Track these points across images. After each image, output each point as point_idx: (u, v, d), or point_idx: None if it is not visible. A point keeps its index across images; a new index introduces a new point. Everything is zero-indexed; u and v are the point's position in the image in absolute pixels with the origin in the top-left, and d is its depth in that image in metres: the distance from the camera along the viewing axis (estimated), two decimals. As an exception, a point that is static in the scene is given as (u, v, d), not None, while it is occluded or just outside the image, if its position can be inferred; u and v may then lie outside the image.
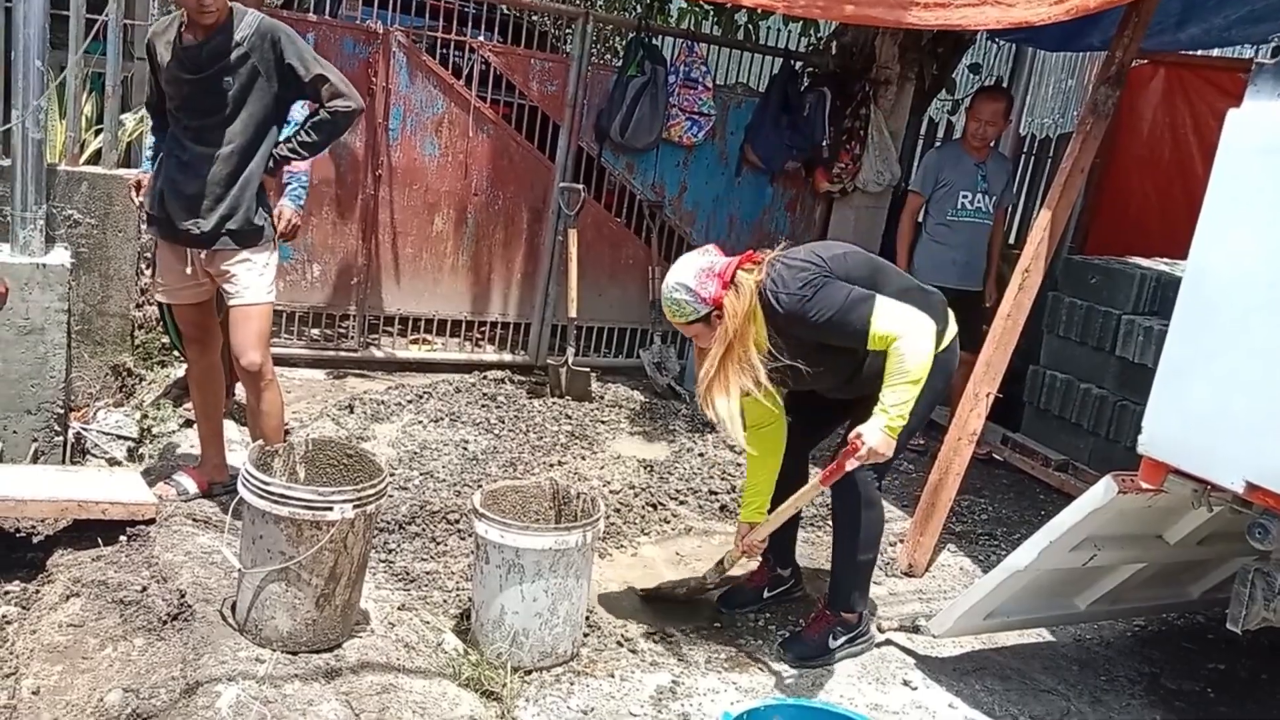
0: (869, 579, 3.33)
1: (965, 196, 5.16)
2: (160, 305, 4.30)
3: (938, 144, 6.27)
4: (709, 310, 2.94)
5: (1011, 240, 6.23)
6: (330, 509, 2.66)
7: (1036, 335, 5.19)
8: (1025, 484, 5.12)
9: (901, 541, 4.10)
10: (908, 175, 6.09)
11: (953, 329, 3.23)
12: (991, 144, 5.26)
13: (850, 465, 2.90)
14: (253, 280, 3.38)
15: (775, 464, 3.28)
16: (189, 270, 3.39)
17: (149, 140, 4.14)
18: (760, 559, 3.59)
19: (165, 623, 2.80)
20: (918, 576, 3.98)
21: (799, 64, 6.06)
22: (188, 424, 4.18)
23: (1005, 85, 6.56)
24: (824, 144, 5.90)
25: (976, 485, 4.91)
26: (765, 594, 3.56)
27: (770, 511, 3.26)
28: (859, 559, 3.23)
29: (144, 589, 2.93)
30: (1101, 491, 2.82)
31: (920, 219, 5.34)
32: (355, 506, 2.70)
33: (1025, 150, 6.87)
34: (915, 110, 6.18)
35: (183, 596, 2.87)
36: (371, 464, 2.97)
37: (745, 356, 2.94)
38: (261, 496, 2.67)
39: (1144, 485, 2.72)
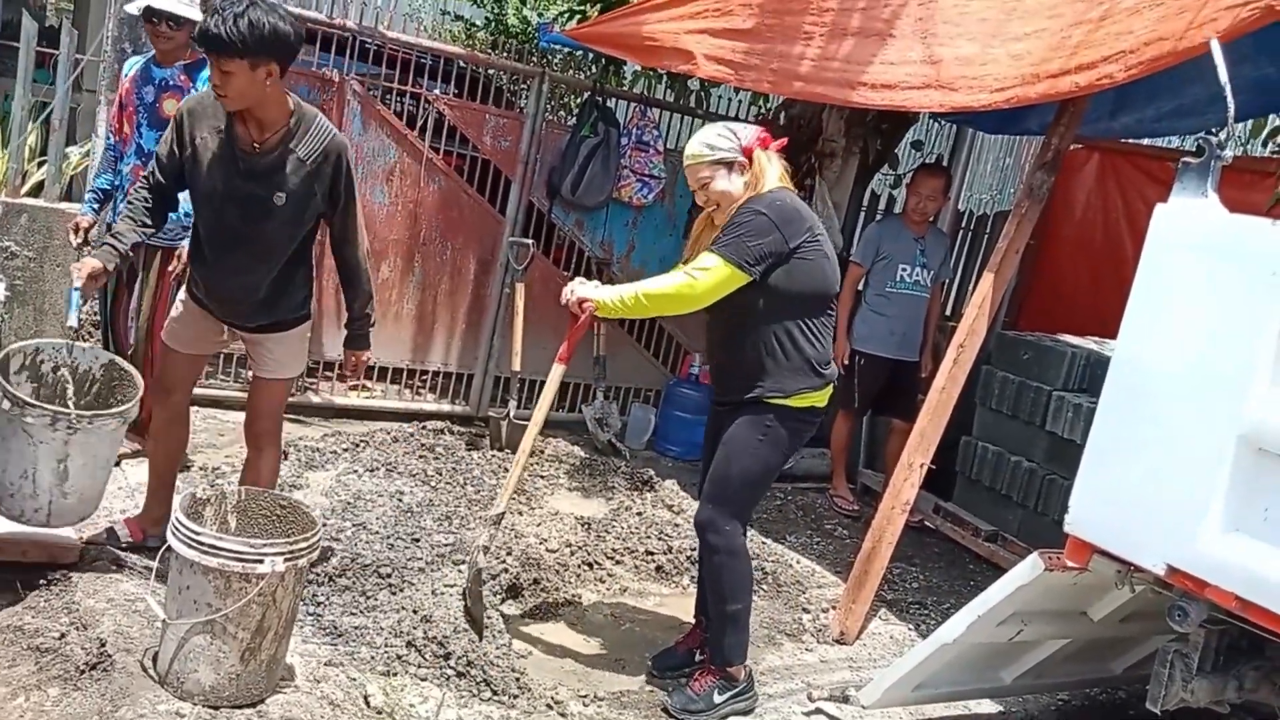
0: (745, 630, 3.33)
1: (904, 269, 5.29)
2: (106, 334, 4.12)
3: (879, 217, 6.42)
4: (737, 157, 3.13)
5: (948, 313, 6.37)
6: (261, 561, 2.62)
7: (970, 407, 5.30)
8: (956, 553, 5.19)
9: (834, 608, 4.13)
10: (850, 245, 6.23)
11: (828, 392, 3.27)
12: (931, 219, 5.41)
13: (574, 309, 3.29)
14: (290, 357, 3.38)
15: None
16: (224, 335, 3.37)
17: (94, 180, 4.07)
18: (693, 621, 3.61)
19: (83, 672, 2.71)
20: (849, 644, 4.00)
21: (748, 132, 6.17)
22: (115, 462, 4.07)
23: (946, 162, 6.74)
24: (770, 211, 6.01)
25: (908, 553, 4.97)
26: (697, 656, 3.55)
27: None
28: (727, 609, 3.25)
29: (62, 636, 2.84)
30: (1028, 568, 2.88)
31: (860, 289, 5.46)
32: (286, 560, 2.65)
33: (963, 226, 7.06)
34: (859, 182, 6.31)
35: (103, 645, 2.79)
36: (305, 516, 2.93)
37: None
38: (191, 546, 2.62)
39: (1069, 564, 2.79)
